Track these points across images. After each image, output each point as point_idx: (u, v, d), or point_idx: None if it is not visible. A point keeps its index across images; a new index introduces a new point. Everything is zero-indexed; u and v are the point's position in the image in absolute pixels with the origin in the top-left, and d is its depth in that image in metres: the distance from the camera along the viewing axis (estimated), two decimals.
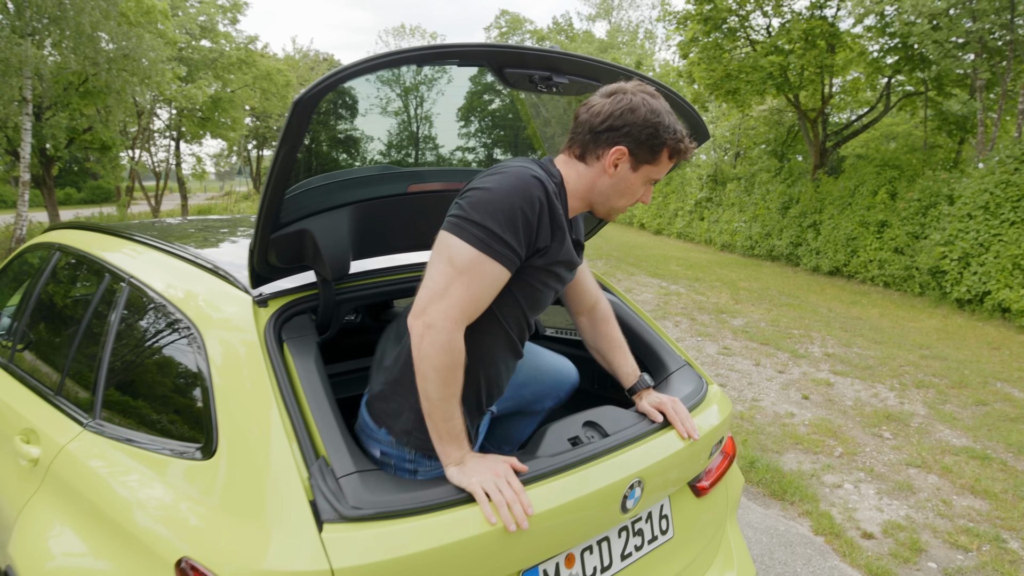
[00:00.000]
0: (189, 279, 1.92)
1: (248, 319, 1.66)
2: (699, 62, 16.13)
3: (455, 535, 1.39)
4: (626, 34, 51.23)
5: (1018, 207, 10.07)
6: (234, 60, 25.62)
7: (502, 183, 1.47)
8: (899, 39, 13.10)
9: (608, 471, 1.65)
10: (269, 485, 1.42)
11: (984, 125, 12.29)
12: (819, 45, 14.24)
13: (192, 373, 1.71)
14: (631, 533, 1.82)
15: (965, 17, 11.32)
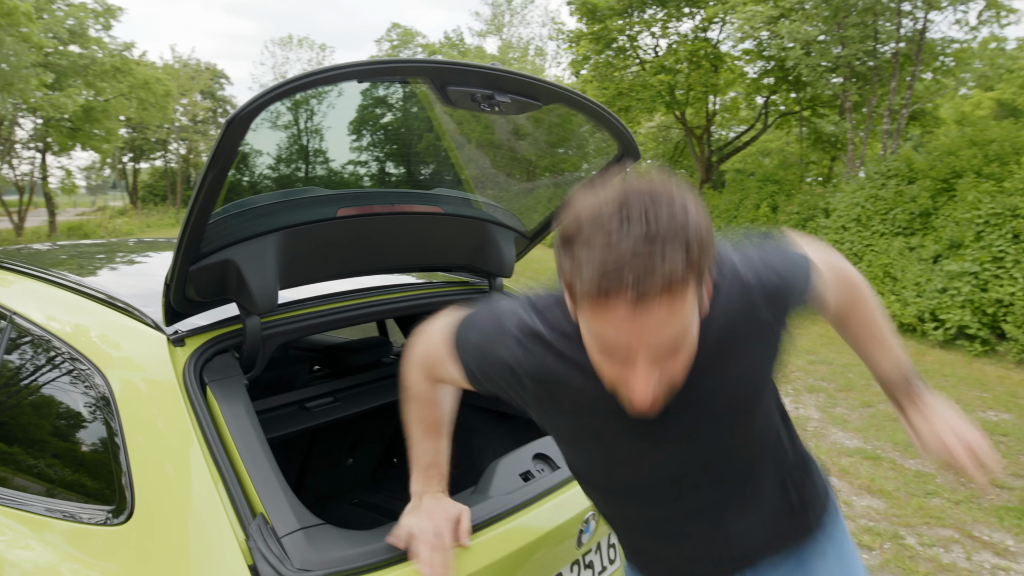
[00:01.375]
0: (88, 315, 1.71)
1: (164, 360, 1.49)
2: (592, 80, 16.56)
3: None
4: (517, 50, 52.02)
5: (886, 219, 10.86)
6: (108, 67, 24.07)
7: None
8: (775, 62, 13.93)
9: (563, 506, 1.59)
10: (198, 551, 1.27)
11: (853, 143, 13.23)
12: (704, 65, 14.94)
13: (95, 425, 1.51)
14: (582, 566, 1.76)
15: (835, 44, 12.16)
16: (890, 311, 10.01)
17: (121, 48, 25.70)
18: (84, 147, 26.07)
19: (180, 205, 39.88)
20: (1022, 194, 9.14)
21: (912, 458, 5.18)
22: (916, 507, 4.34)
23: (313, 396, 2.33)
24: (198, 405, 1.41)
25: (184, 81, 36.80)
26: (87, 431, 1.55)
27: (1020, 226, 8.82)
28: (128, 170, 43.02)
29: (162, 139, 39.07)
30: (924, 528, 4.09)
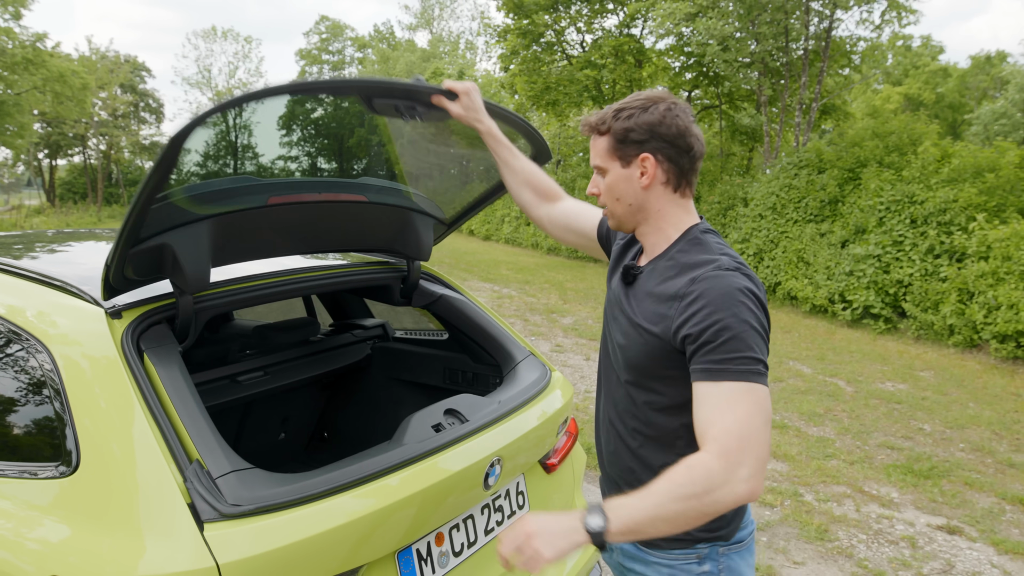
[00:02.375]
0: (25, 295, 1.84)
1: (103, 332, 1.63)
2: (520, 74, 16.82)
3: (331, 523, 1.47)
4: (447, 44, 51.96)
5: (799, 207, 11.48)
6: (19, 59, 23.08)
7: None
8: (695, 58, 14.46)
9: (470, 452, 1.81)
10: (142, 493, 1.43)
11: (769, 136, 13.87)
12: (628, 61, 15.38)
13: (41, 392, 1.65)
14: (492, 510, 1.99)
15: (750, 39, 12.74)
16: (803, 294, 10.61)
17: (33, 39, 24.67)
18: None
19: (102, 203, 38.43)
20: (918, 182, 9.82)
21: (815, 426, 5.62)
22: (815, 468, 4.74)
23: (244, 371, 2.48)
24: (136, 370, 1.57)
25: (103, 74, 35.45)
26: (34, 399, 1.68)
27: (917, 212, 9.49)
28: (44, 167, 41.20)
29: (80, 134, 37.55)
30: (821, 486, 4.48)
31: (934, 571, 3.52)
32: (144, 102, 44.51)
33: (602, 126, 1.50)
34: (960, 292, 8.52)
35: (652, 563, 1.55)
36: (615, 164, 1.51)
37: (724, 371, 1.32)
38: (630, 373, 1.51)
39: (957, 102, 39.50)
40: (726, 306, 1.34)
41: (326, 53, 57.81)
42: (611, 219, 1.59)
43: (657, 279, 1.49)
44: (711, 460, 1.28)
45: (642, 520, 1.28)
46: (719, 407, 1.32)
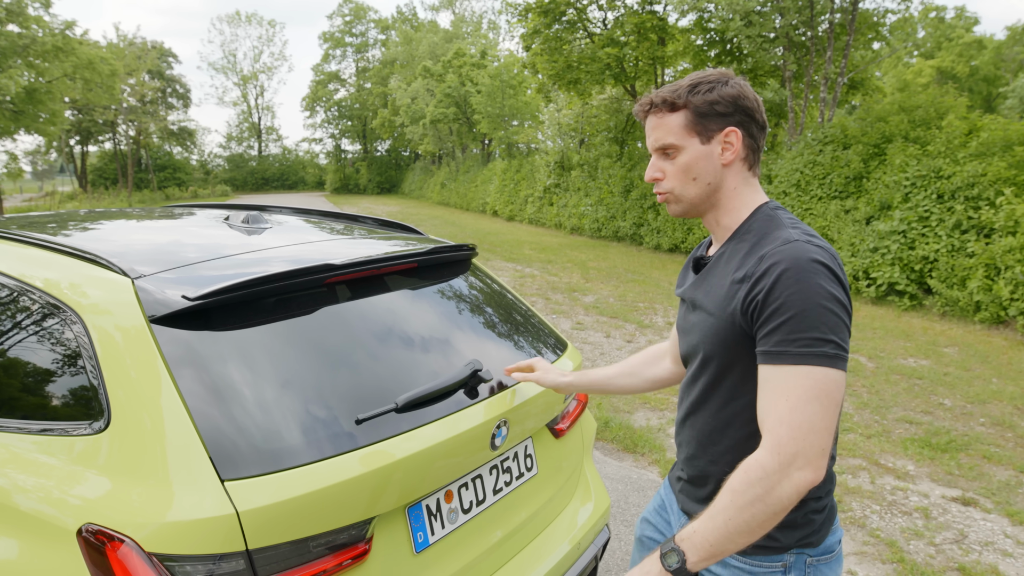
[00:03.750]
0: (61, 268, 1.95)
1: (132, 301, 1.74)
2: (541, 53, 16.73)
3: (343, 476, 1.56)
4: (470, 24, 51.72)
5: (824, 183, 11.36)
6: (49, 47, 23.46)
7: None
8: (718, 34, 14.28)
9: (477, 414, 1.89)
10: (169, 448, 1.53)
11: (793, 111, 13.69)
12: (651, 38, 15.23)
13: (75, 357, 1.76)
14: (500, 471, 2.07)
15: (774, 13, 12.55)
16: None
17: (62, 27, 25.03)
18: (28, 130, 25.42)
19: (132, 188, 39.08)
20: (944, 156, 9.67)
21: None
22: None
23: None
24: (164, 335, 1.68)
25: (131, 60, 35.91)
26: (69, 364, 1.79)
27: (944, 187, 9.35)
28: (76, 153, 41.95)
29: (110, 120, 38.14)
30: (838, 459, 4.51)
31: (946, 540, 3.56)
32: (171, 88, 45.05)
33: (677, 100, 1.43)
34: (987, 268, 8.41)
35: (732, 567, 1.49)
36: (693, 141, 1.43)
37: (784, 354, 1.28)
38: (706, 364, 1.48)
39: (992, 75, 38.49)
40: (792, 283, 1.28)
41: (349, 36, 57.89)
42: (677, 204, 1.50)
43: (727, 262, 1.44)
44: (764, 457, 1.26)
45: (716, 541, 1.27)
46: (775, 393, 1.28)
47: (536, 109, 26.64)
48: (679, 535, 1.32)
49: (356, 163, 56.84)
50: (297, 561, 1.52)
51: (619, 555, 3.40)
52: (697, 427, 1.54)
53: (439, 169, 38.72)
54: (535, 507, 2.19)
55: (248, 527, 1.44)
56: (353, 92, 58.04)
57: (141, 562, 1.43)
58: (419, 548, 1.77)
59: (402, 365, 1.91)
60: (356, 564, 1.61)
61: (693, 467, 1.58)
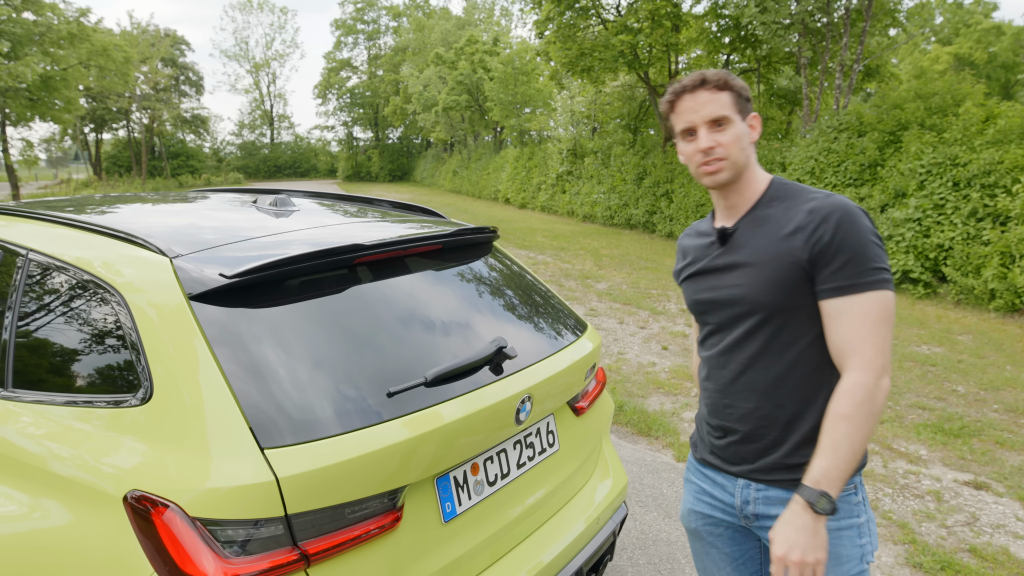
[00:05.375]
0: (99, 247, 2.02)
1: (171, 280, 1.80)
2: (555, 41, 16.69)
3: (375, 446, 1.63)
4: (483, 11, 51.50)
5: (838, 171, 11.32)
6: (64, 35, 23.59)
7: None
8: (732, 20, 14.19)
9: (503, 389, 1.96)
10: (210, 418, 1.60)
11: (808, 99, 13.61)
12: (665, 25, 15.15)
13: (116, 333, 1.83)
14: (524, 446, 2.14)
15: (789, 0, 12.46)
16: None
17: (77, 14, 25.15)
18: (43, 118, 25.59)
19: (146, 176, 39.32)
20: (960, 144, 9.61)
21: None
22: None
23: None
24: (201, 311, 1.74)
25: (144, 48, 36.05)
26: (112, 339, 1.86)
27: (959, 174, 9.30)
28: (90, 141, 42.20)
29: (124, 108, 38.34)
30: None
31: (958, 523, 3.60)
32: (184, 75, 45.19)
33: (725, 82, 1.63)
34: (1003, 256, 8.37)
35: None
36: (737, 117, 1.63)
37: (855, 285, 1.51)
38: (762, 316, 1.62)
39: (1011, 62, 37.99)
40: (849, 226, 1.52)
41: (361, 23, 57.79)
42: (725, 172, 1.63)
43: (770, 223, 1.63)
44: (861, 377, 1.48)
45: (846, 467, 1.47)
46: (854, 320, 1.50)
47: (548, 96, 26.57)
48: (811, 478, 1.48)
49: (368, 151, 56.89)
50: (333, 527, 1.59)
51: (635, 534, 3.47)
52: (757, 379, 1.66)
53: (451, 157, 38.71)
54: (557, 482, 2.25)
55: (287, 493, 1.51)
56: (365, 79, 58.00)
57: (185, 526, 1.50)
58: (447, 518, 1.84)
59: (428, 342, 1.97)
60: (388, 531, 1.69)
61: (751, 421, 1.68)
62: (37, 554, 1.72)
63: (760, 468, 1.68)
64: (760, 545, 1.81)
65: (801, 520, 1.47)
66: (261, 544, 1.52)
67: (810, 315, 1.58)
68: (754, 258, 1.63)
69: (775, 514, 1.66)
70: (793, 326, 1.61)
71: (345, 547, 1.60)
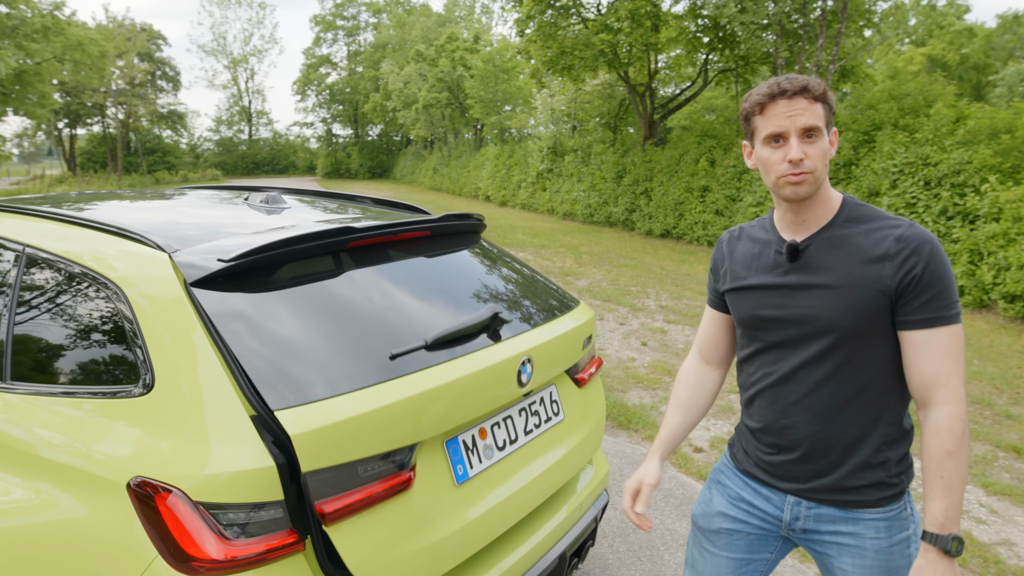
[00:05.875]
0: (97, 243, 2.07)
1: (169, 275, 1.86)
2: (535, 39, 16.77)
3: (381, 402, 1.71)
4: (463, 8, 51.46)
5: None
6: (38, 28, 23.28)
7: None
8: (711, 20, 14.37)
9: (502, 351, 2.07)
10: (210, 408, 1.66)
11: None
12: (644, 24, 15.29)
13: (118, 326, 1.89)
14: (529, 413, 2.24)
15: (768, 0, 12.65)
16: None
17: (51, 7, 24.84)
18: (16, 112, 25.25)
19: (121, 172, 38.85)
20: (931, 144, 9.84)
21: None
22: None
23: None
24: (199, 304, 1.80)
25: (120, 42, 35.61)
26: (114, 333, 1.92)
27: (931, 174, 9.53)
28: (64, 136, 41.61)
29: (99, 103, 37.85)
30: None
31: (922, 510, 3.74)
32: (161, 70, 44.70)
33: (818, 92, 1.55)
34: (971, 253, 8.61)
35: (866, 520, 1.64)
36: (824, 131, 1.56)
37: (941, 318, 1.52)
38: (829, 342, 1.60)
39: (982, 63, 38.72)
40: (939, 260, 1.52)
41: (341, 19, 57.47)
42: (808, 185, 1.56)
43: (849, 245, 1.59)
44: (956, 409, 1.50)
45: (960, 502, 1.49)
46: (940, 352, 1.52)
47: (529, 95, 26.67)
48: (935, 524, 1.47)
49: (347, 148, 56.63)
50: (348, 485, 1.66)
51: (615, 523, 3.57)
52: (822, 402, 1.63)
53: (431, 154, 38.69)
54: (566, 451, 2.35)
55: (300, 451, 1.56)
56: (345, 76, 57.71)
57: (189, 510, 1.57)
58: (460, 480, 1.92)
59: (424, 314, 2.05)
60: (403, 491, 1.76)
61: (811, 442, 1.66)
62: (44, 542, 1.78)
63: (814, 488, 1.68)
64: (771, 557, 1.83)
65: (940, 567, 1.47)
66: (261, 526, 1.59)
67: (882, 340, 1.58)
68: (834, 280, 1.58)
69: (827, 530, 1.68)
70: (865, 351, 1.59)
71: (361, 506, 1.67)
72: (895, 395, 1.60)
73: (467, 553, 1.93)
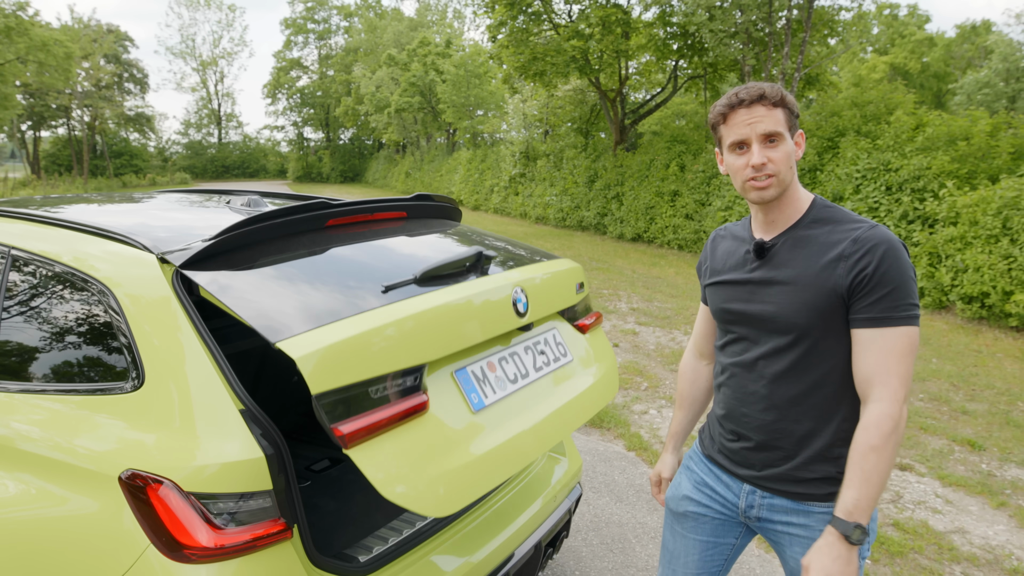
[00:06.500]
0: (86, 244, 2.12)
1: (157, 276, 1.92)
2: (507, 45, 16.90)
3: (381, 321, 1.77)
4: (436, 13, 51.49)
5: None
6: (1, 28, 22.85)
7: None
8: (680, 28, 14.62)
9: (492, 281, 2.16)
10: (199, 402, 1.73)
11: None
12: (615, 31, 15.50)
13: (108, 325, 1.94)
14: (535, 352, 2.30)
15: (734, 9, 12.92)
16: None
17: (14, 7, 24.40)
18: None
19: (87, 175, 38.20)
20: (893, 150, 10.14)
21: None
22: None
23: None
24: (187, 303, 1.86)
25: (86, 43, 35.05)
26: (105, 332, 1.96)
27: (892, 179, 9.82)
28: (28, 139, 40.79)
29: (64, 105, 37.20)
30: None
31: (883, 501, 3.90)
32: (128, 72, 44.06)
33: (780, 98, 1.63)
34: (931, 256, 8.88)
35: (816, 514, 1.69)
36: (787, 135, 1.64)
37: (889, 318, 1.54)
38: (796, 334, 1.66)
39: (942, 71, 39.75)
40: (893, 260, 1.54)
41: (311, 22, 57.16)
42: (775, 188, 1.65)
43: (811, 245, 1.65)
44: (887, 407, 1.53)
45: (876, 496, 1.53)
46: (883, 352, 1.54)
47: (501, 99, 26.81)
48: (843, 510, 1.53)
49: (319, 151, 56.30)
50: (361, 407, 1.66)
51: (588, 517, 3.67)
52: (779, 394, 1.71)
53: (403, 158, 38.64)
54: (579, 390, 2.39)
55: (306, 372, 1.58)
56: (316, 79, 57.37)
57: (180, 500, 1.63)
58: (477, 408, 1.95)
59: (411, 265, 2.12)
60: (419, 414, 1.78)
61: (766, 432, 1.74)
62: (37, 536, 1.82)
63: (767, 477, 1.75)
64: (735, 543, 1.91)
65: (836, 550, 1.52)
66: (250, 515, 1.66)
67: (839, 338, 1.62)
68: (793, 278, 1.65)
69: (779, 520, 1.75)
70: (821, 348, 1.64)
71: (379, 428, 1.67)
72: (852, 394, 1.64)
73: (496, 480, 1.89)
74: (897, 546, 3.42)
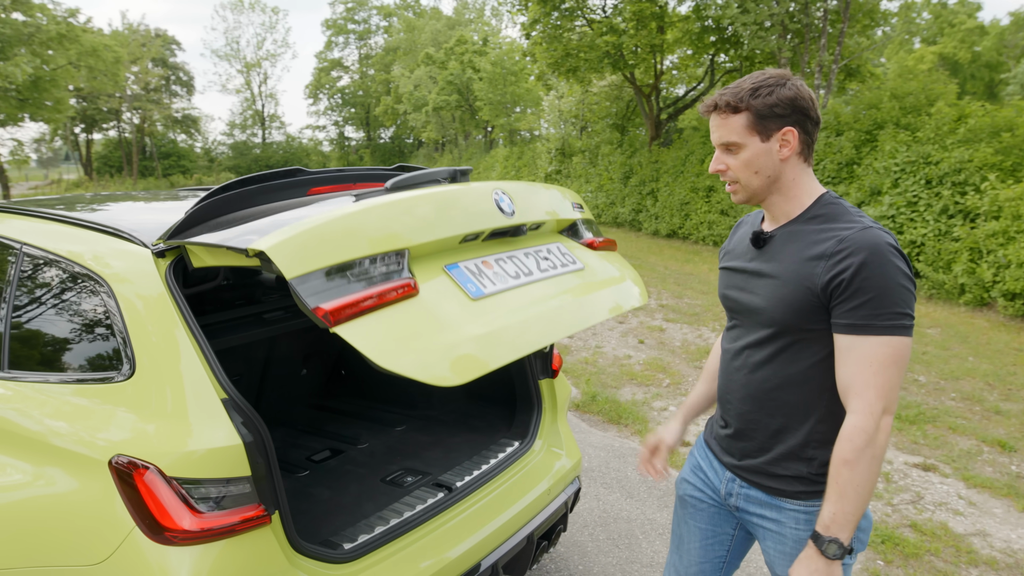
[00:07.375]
0: (87, 241, 2.20)
1: (151, 270, 1.99)
2: (541, 42, 16.87)
3: (353, 209, 1.80)
4: (473, 11, 51.64)
5: (816, 169, 11.54)
6: (53, 35, 23.66)
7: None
8: (715, 21, 14.42)
9: (472, 185, 2.17)
10: (187, 391, 1.79)
11: None
12: (650, 26, 15.36)
13: (104, 316, 2.02)
14: (539, 258, 2.26)
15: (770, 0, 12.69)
16: None
17: (66, 15, 25.24)
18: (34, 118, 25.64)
19: (137, 176, 39.34)
20: (933, 143, 9.85)
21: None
22: None
23: (269, 309, 2.85)
24: (178, 297, 1.93)
25: (135, 48, 36.07)
26: (100, 324, 2.05)
27: (932, 172, 9.55)
28: (81, 141, 42.16)
29: (115, 108, 38.34)
30: None
31: (903, 501, 3.81)
32: (175, 75, 45.20)
33: (740, 104, 1.58)
34: (971, 251, 8.62)
35: (788, 510, 1.69)
36: (754, 139, 1.59)
37: (869, 326, 1.47)
38: (775, 329, 1.65)
39: (995, 61, 38.42)
40: (876, 265, 1.46)
41: (352, 23, 57.81)
42: (741, 193, 1.66)
43: (800, 240, 1.61)
44: (860, 421, 1.48)
45: (855, 510, 1.49)
46: (861, 361, 1.48)
47: (538, 97, 26.78)
48: (821, 525, 1.52)
49: (359, 150, 56.96)
50: (342, 291, 1.65)
51: (597, 512, 3.67)
52: (755, 384, 1.71)
53: (442, 156, 38.89)
54: (595, 290, 2.32)
55: (278, 259, 1.59)
56: (356, 79, 58.02)
57: (163, 484, 1.69)
58: (475, 295, 1.92)
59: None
60: (409, 297, 1.76)
61: (742, 421, 1.75)
62: (29, 517, 1.91)
63: (744, 467, 1.76)
64: (734, 534, 1.90)
65: (815, 564, 1.52)
66: (232, 500, 1.71)
67: (819, 338, 1.58)
68: (778, 272, 1.63)
69: (754, 511, 1.76)
70: (801, 346, 1.61)
71: (363, 308, 1.65)
72: (830, 396, 1.59)
73: (505, 356, 1.81)
74: (912, 548, 3.34)
